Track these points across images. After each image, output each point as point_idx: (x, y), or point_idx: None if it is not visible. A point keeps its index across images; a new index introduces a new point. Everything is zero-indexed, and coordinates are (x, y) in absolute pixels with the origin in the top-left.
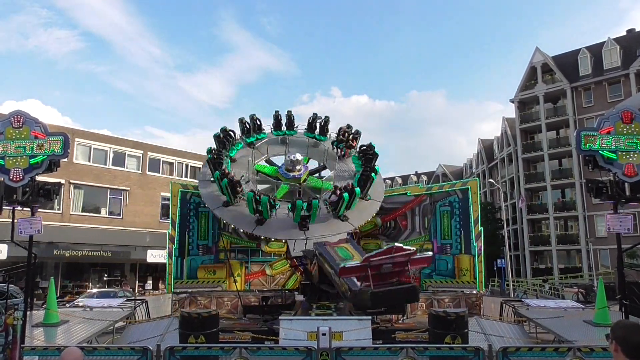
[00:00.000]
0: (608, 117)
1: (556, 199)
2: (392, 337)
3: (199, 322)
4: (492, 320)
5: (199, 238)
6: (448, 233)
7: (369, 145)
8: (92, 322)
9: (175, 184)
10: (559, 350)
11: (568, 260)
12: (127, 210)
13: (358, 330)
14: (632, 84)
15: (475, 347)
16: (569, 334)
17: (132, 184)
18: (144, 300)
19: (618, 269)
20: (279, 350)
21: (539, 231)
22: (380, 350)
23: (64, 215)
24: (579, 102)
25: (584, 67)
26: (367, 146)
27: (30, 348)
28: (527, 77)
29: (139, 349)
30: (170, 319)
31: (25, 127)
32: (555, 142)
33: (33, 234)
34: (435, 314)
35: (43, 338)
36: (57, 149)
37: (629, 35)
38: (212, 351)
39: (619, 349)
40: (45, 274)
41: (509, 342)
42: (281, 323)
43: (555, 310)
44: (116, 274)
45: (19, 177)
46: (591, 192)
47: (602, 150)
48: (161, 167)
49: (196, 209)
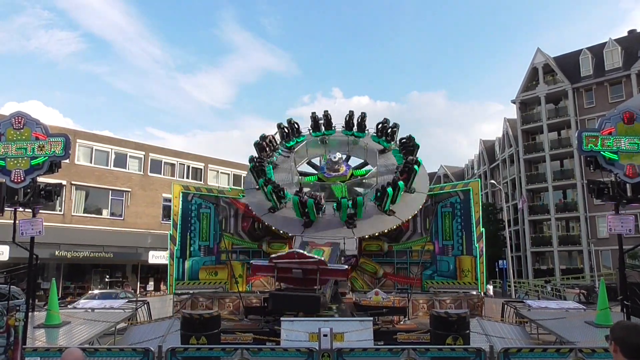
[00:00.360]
0: (609, 118)
1: (558, 200)
2: (393, 338)
3: (200, 323)
4: (494, 321)
5: (201, 239)
6: (449, 234)
7: (408, 138)
8: (94, 324)
9: (176, 185)
10: (561, 352)
11: (569, 261)
12: (129, 212)
13: (359, 331)
14: (633, 84)
15: (476, 348)
16: (570, 335)
17: (133, 185)
18: (146, 302)
19: (619, 270)
20: (281, 352)
21: (540, 232)
22: (382, 352)
23: (66, 216)
24: (581, 102)
25: (585, 68)
26: (406, 138)
27: (32, 349)
28: (528, 78)
29: (141, 350)
30: (171, 320)
31: (26, 128)
32: (557, 143)
33: (34, 235)
34: (436, 315)
35: (45, 339)
36: (58, 150)
37: (630, 36)
38: (214, 352)
39: (618, 349)
40: (46, 275)
41: (510, 343)
42: (282, 324)
43: (557, 312)
44: (118, 275)
45: (20, 179)
46: (592, 193)
47: (603, 151)
48: (163, 168)
49: (198, 210)
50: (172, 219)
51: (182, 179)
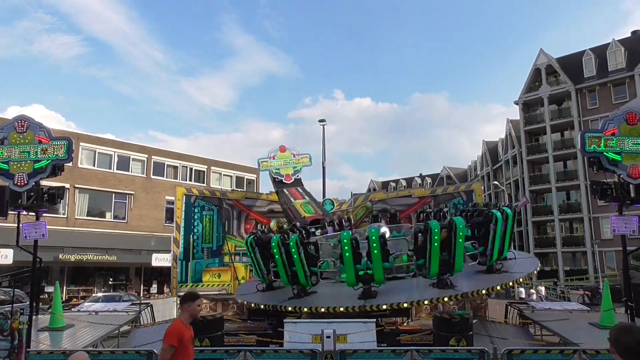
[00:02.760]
0: (612, 119)
1: (561, 201)
2: (396, 340)
3: (204, 326)
4: (497, 323)
5: (204, 241)
6: None
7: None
8: (98, 326)
9: (179, 188)
10: (565, 353)
11: (573, 263)
12: (132, 214)
13: (362, 332)
14: (636, 85)
15: (480, 350)
16: (574, 336)
17: (136, 188)
18: (149, 304)
19: (623, 271)
20: (284, 353)
21: (544, 233)
22: (385, 353)
23: (69, 219)
24: (584, 103)
25: (588, 69)
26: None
27: (36, 352)
28: (531, 79)
29: (144, 353)
30: None
31: (29, 131)
32: (560, 144)
33: (38, 238)
34: (439, 316)
35: (49, 342)
36: (61, 153)
37: (634, 36)
38: (217, 354)
39: (614, 350)
40: (50, 279)
41: (513, 345)
42: (286, 326)
43: (561, 313)
44: (121, 278)
45: (24, 182)
46: (596, 194)
47: (606, 152)
48: (165, 171)
49: (201, 212)
50: (175, 222)
51: (185, 181)
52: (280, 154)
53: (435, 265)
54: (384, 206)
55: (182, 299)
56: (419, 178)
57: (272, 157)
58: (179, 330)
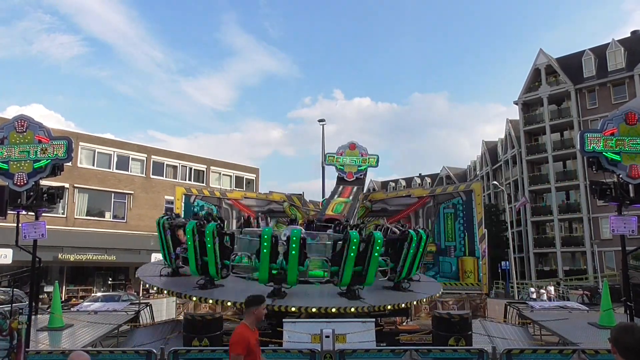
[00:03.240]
0: (612, 119)
1: (561, 201)
2: (395, 339)
3: (203, 325)
4: (496, 322)
5: None
6: (452, 235)
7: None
8: (97, 326)
9: (179, 188)
10: (564, 353)
11: (573, 262)
12: (132, 214)
13: (362, 332)
14: (636, 85)
15: (479, 349)
16: (573, 336)
17: (136, 188)
18: (148, 304)
19: (623, 271)
20: (283, 353)
21: (543, 233)
22: (384, 353)
23: (69, 219)
24: (583, 103)
25: (588, 69)
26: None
27: (35, 352)
28: (530, 79)
29: (143, 353)
30: (174, 322)
31: (29, 131)
32: (560, 144)
33: (37, 238)
34: (438, 316)
35: (48, 342)
36: (60, 153)
37: (634, 36)
38: (216, 354)
39: (615, 350)
40: (50, 278)
41: (513, 344)
42: (285, 325)
43: (560, 313)
44: (120, 277)
45: (23, 182)
46: (595, 194)
47: (605, 152)
48: (165, 171)
49: (200, 212)
50: None
51: (185, 181)
52: (349, 151)
53: (348, 275)
54: (383, 206)
55: (248, 302)
56: (418, 178)
57: (340, 153)
58: (245, 336)
